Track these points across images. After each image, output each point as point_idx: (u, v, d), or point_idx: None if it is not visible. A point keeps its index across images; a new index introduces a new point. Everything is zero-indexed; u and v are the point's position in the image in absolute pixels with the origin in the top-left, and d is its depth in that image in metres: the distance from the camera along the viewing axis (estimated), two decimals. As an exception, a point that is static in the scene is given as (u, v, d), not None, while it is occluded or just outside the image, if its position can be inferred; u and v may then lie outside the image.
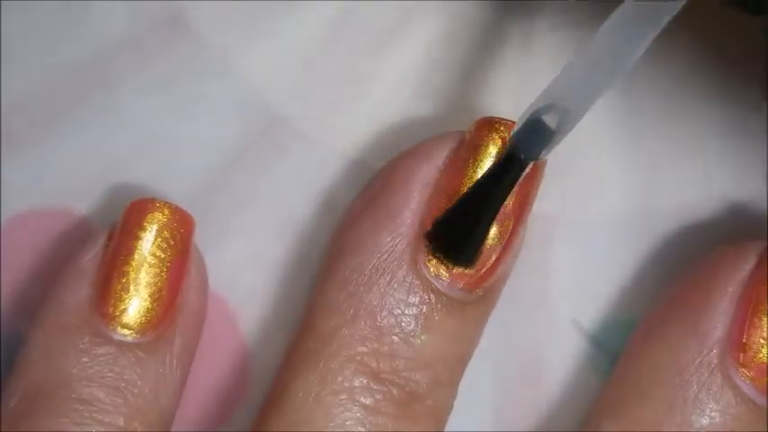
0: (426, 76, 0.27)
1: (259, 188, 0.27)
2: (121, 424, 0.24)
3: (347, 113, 0.26)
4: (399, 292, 0.24)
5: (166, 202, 0.25)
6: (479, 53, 0.27)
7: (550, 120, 0.21)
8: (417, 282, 0.24)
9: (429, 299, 0.24)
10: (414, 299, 0.24)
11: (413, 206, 0.24)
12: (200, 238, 0.27)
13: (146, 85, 0.27)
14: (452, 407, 0.25)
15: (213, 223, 0.27)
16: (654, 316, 0.26)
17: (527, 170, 0.22)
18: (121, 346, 0.24)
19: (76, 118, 0.27)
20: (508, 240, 0.24)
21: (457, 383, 0.25)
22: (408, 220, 0.24)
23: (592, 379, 0.27)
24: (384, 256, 0.24)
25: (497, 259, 0.24)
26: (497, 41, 0.27)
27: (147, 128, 0.27)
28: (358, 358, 0.24)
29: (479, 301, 0.25)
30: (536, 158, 0.22)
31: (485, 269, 0.24)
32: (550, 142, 0.21)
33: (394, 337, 0.24)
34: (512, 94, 0.27)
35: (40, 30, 0.27)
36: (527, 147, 0.22)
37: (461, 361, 0.25)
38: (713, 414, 0.24)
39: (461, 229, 0.23)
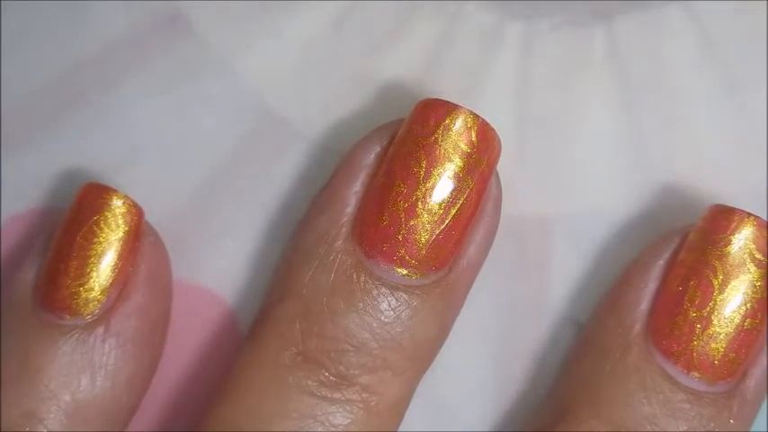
0: (426, 76, 0.27)
1: (259, 188, 0.27)
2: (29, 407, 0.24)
3: (347, 113, 0.26)
4: (328, 271, 0.24)
5: (116, 191, 0.25)
6: (479, 53, 0.27)
7: None
8: (349, 262, 0.24)
9: (358, 278, 0.24)
10: (343, 278, 0.24)
11: (349, 191, 0.25)
12: (200, 238, 0.27)
13: (146, 85, 0.27)
14: (400, 400, 0.24)
15: (213, 223, 0.27)
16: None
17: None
18: (43, 325, 0.25)
19: (76, 118, 0.27)
20: (461, 230, 0.24)
21: (406, 377, 0.24)
22: (345, 204, 0.24)
23: (592, 379, 0.27)
24: (319, 238, 0.24)
25: (452, 246, 0.24)
26: (497, 41, 0.27)
27: (147, 128, 0.27)
28: (285, 336, 0.24)
29: (431, 289, 0.24)
30: None
31: (424, 252, 0.24)
32: None
33: (321, 316, 0.24)
34: (512, 95, 0.27)
35: (40, 30, 0.27)
36: None
37: (405, 349, 0.24)
38: (637, 392, 0.24)
39: None
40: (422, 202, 0.24)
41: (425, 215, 0.24)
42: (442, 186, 0.24)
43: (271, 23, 0.27)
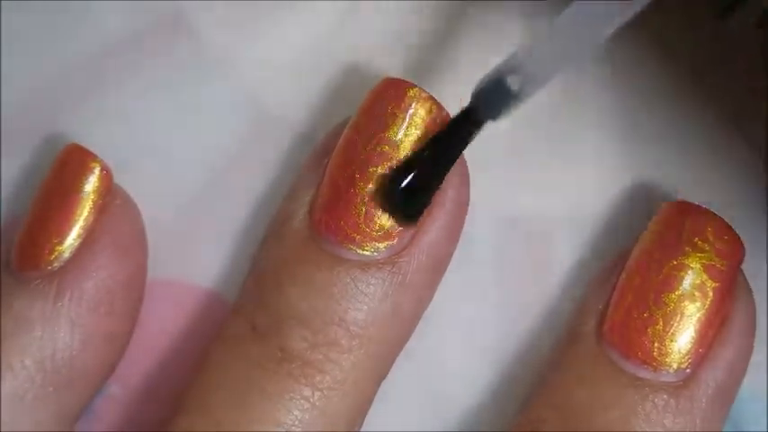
0: (426, 77, 0.27)
1: (259, 188, 0.27)
2: None
3: (346, 113, 0.26)
4: (281, 246, 0.24)
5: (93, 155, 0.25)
6: (479, 53, 0.27)
7: (514, 82, 0.21)
8: (300, 237, 0.24)
9: (307, 252, 0.24)
10: (293, 252, 0.24)
11: (312, 174, 0.25)
12: (200, 237, 0.27)
13: (146, 86, 0.27)
14: (348, 380, 0.24)
15: (213, 223, 0.27)
16: None
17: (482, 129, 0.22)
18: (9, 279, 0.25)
19: (76, 118, 0.27)
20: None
21: (354, 357, 0.24)
22: (307, 186, 0.25)
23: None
24: (281, 218, 0.25)
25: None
26: (497, 41, 0.27)
27: (147, 128, 0.27)
28: (241, 310, 0.24)
29: (381, 267, 0.24)
30: (494, 118, 0.22)
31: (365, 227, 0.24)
32: (510, 104, 0.22)
33: (269, 289, 0.24)
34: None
35: (40, 30, 0.27)
36: (486, 104, 0.22)
37: (348, 327, 0.24)
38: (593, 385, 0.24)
39: (412, 184, 0.23)
40: (360, 179, 0.24)
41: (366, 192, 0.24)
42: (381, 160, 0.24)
43: (271, 24, 0.27)
